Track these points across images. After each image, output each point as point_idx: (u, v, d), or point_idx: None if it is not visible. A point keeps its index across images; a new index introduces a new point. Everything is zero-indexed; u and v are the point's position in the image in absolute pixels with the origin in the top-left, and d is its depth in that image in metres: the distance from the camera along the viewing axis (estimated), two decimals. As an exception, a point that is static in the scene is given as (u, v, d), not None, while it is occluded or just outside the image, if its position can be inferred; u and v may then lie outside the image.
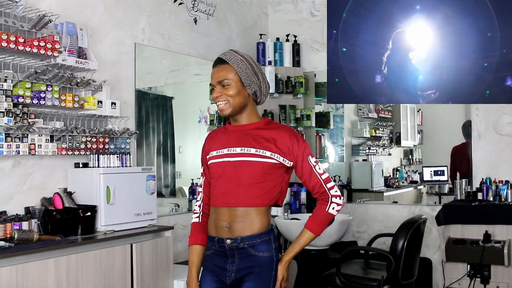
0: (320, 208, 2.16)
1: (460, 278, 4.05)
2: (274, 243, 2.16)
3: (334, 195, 2.15)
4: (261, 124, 2.18)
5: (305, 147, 2.15)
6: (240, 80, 2.11)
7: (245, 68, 2.11)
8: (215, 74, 2.13)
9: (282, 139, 2.12)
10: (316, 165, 2.15)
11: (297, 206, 4.60)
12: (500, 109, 4.43)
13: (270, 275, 2.12)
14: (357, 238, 4.89)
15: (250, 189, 2.10)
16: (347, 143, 6.00)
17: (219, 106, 2.14)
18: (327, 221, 2.17)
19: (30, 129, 2.99)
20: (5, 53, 2.93)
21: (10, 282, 2.50)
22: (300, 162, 2.14)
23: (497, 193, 4.22)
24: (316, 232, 2.16)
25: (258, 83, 2.15)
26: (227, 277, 2.13)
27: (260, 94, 2.18)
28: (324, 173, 2.16)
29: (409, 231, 3.38)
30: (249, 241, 2.10)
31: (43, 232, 2.97)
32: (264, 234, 2.12)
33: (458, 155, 5.48)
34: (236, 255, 2.11)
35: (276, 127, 2.17)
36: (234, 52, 2.15)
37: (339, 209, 2.16)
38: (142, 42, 3.97)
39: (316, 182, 2.15)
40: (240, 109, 2.15)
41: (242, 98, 2.13)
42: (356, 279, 3.51)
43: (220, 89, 2.12)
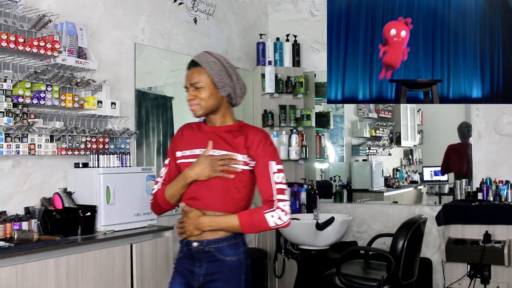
0: (261, 209, 2.05)
1: (460, 278, 4.05)
2: (243, 246, 2.12)
3: (281, 208, 2.02)
4: (235, 127, 2.15)
5: (272, 150, 2.09)
6: (213, 82, 2.09)
7: (218, 70, 2.09)
8: (188, 77, 2.12)
9: (253, 141, 2.08)
10: (278, 173, 2.06)
11: (297, 206, 4.60)
12: (500, 109, 4.43)
13: (239, 279, 2.08)
14: (357, 238, 4.89)
15: (218, 193, 2.07)
16: (347, 143, 6.00)
17: (191, 108, 2.12)
18: (260, 226, 2.04)
19: (30, 129, 2.99)
20: (5, 53, 2.93)
21: (10, 282, 2.50)
22: (260, 162, 2.07)
23: (497, 193, 4.22)
24: (245, 228, 2.05)
25: (232, 85, 2.12)
26: (195, 281, 2.10)
27: (235, 96, 2.15)
28: (282, 183, 2.06)
29: (409, 231, 3.38)
30: (216, 244, 2.07)
31: (43, 232, 2.97)
32: (231, 238, 2.08)
33: (453, 153, 5.49)
34: (203, 259, 2.09)
35: (249, 130, 2.13)
36: (208, 53, 2.13)
37: (280, 224, 2.02)
38: (142, 42, 3.97)
39: (267, 187, 2.05)
40: (213, 111, 2.13)
41: (215, 100, 2.11)
42: (356, 279, 3.50)
43: (193, 91, 2.10)
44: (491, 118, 4.48)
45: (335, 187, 5.39)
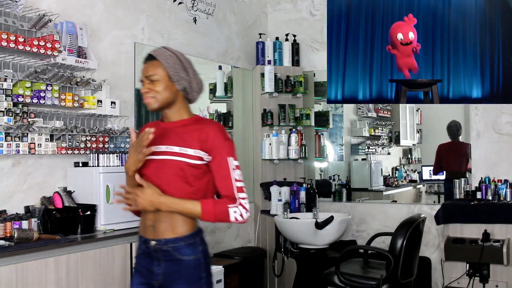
0: (225, 203, 2.04)
1: (459, 277, 4.06)
2: (201, 246, 2.10)
3: (243, 205, 2.04)
4: (190, 121, 2.15)
5: (228, 145, 2.08)
6: (168, 75, 2.09)
7: (173, 63, 2.09)
8: (144, 70, 2.12)
9: (207, 135, 2.06)
10: (236, 170, 2.06)
11: (297, 205, 4.60)
12: (499, 108, 4.43)
13: (199, 277, 2.07)
14: (356, 237, 4.90)
15: (172, 189, 2.06)
16: (347, 142, 6.01)
17: (146, 100, 2.11)
18: (220, 218, 2.04)
19: (30, 128, 2.99)
20: (5, 52, 2.93)
21: (10, 281, 2.51)
22: (217, 159, 2.06)
23: (496, 192, 4.23)
24: (204, 216, 2.03)
25: (188, 79, 2.12)
26: (155, 280, 2.09)
27: (191, 91, 2.14)
28: (240, 181, 2.06)
29: (408, 230, 3.38)
30: (173, 243, 2.06)
31: (42, 231, 2.97)
32: (189, 237, 2.07)
33: (444, 152, 5.53)
34: (161, 258, 2.08)
35: (204, 123, 2.12)
36: (165, 48, 2.14)
37: (240, 221, 2.03)
38: (142, 41, 3.97)
39: (227, 184, 2.06)
40: (167, 104, 2.12)
41: (170, 93, 2.10)
42: (355, 278, 3.51)
43: (148, 84, 2.10)
44: (490, 118, 4.49)
45: (335, 186, 5.40)
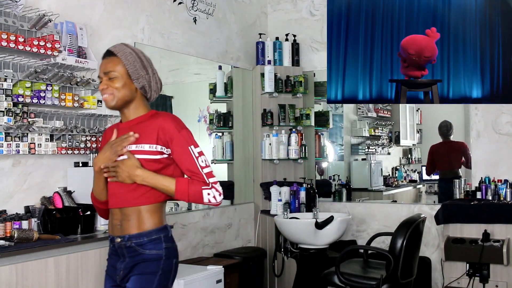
0: (200, 184, 2.04)
1: (459, 277, 4.06)
2: (166, 243, 2.09)
3: (216, 188, 2.05)
4: (145, 117, 2.14)
5: (185, 134, 2.08)
6: (127, 73, 2.08)
7: (133, 61, 2.08)
8: (103, 66, 2.11)
9: (161, 128, 2.07)
10: (200, 156, 2.07)
11: (296, 205, 4.60)
12: (499, 108, 4.43)
13: (154, 270, 2.05)
14: (356, 237, 4.90)
15: (134, 187, 2.06)
16: (347, 142, 6.01)
17: (104, 97, 2.11)
18: (194, 199, 2.04)
19: (30, 128, 2.99)
20: (5, 52, 2.93)
21: (10, 281, 2.51)
22: (177, 150, 2.06)
23: (496, 192, 4.23)
24: (178, 194, 2.03)
25: (147, 78, 2.11)
26: (117, 275, 2.11)
27: (150, 90, 2.14)
28: (207, 167, 2.07)
29: (408, 230, 3.38)
30: (137, 239, 2.06)
31: (43, 231, 2.97)
32: (153, 233, 2.07)
33: (436, 153, 5.55)
34: (125, 254, 2.09)
35: (157, 117, 2.12)
36: (125, 45, 2.13)
37: (214, 203, 2.04)
38: (142, 41, 3.97)
39: (195, 173, 2.06)
40: (125, 102, 2.12)
41: (129, 91, 2.10)
42: (355, 278, 3.51)
43: (106, 81, 2.09)
44: (490, 118, 4.49)
45: (334, 186, 5.40)
